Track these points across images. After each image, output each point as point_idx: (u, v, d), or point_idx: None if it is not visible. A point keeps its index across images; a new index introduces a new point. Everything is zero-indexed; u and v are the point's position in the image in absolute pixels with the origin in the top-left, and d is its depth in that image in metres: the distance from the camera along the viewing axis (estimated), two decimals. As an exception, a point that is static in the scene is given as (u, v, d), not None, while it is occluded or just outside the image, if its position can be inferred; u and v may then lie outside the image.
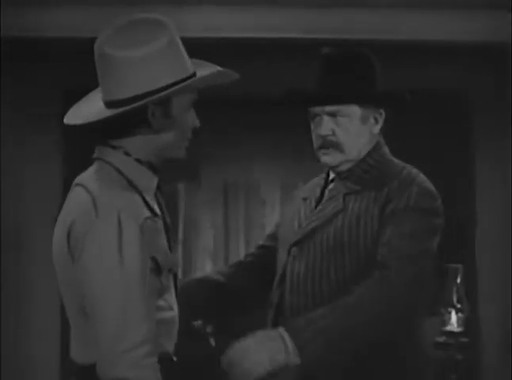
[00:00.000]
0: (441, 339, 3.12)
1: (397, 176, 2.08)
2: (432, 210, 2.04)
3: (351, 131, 2.10)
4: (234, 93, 3.74)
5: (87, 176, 1.78)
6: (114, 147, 1.79)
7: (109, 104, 1.78)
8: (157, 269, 1.75)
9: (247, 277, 2.24)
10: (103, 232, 1.67)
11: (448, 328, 3.13)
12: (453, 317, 3.14)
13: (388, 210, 2.03)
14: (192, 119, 1.86)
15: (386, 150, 2.17)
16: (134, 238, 1.68)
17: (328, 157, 2.12)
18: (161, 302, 1.77)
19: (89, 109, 1.82)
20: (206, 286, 2.20)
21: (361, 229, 2.04)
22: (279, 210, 5.23)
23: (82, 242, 1.69)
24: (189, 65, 1.82)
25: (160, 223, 1.81)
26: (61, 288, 1.79)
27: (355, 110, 2.10)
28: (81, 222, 1.70)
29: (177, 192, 7.47)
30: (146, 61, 1.73)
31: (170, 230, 1.89)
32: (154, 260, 1.73)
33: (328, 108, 2.09)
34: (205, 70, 1.87)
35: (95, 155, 1.82)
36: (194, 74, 1.82)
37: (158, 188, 1.89)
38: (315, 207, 2.15)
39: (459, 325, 3.13)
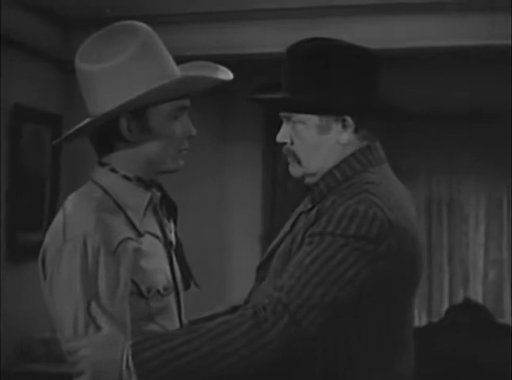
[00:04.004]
0: None
1: (339, 193, 1.68)
2: (357, 236, 1.59)
3: (307, 140, 1.73)
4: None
5: (71, 198, 1.72)
6: (103, 164, 1.73)
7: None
8: (139, 291, 1.66)
9: None
10: (67, 257, 1.61)
11: None
12: None
13: (307, 234, 1.66)
14: (184, 128, 1.72)
15: (364, 161, 1.74)
16: (99, 263, 1.60)
17: (292, 168, 1.78)
18: (152, 327, 1.68)
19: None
20: None
21: (290, 256, 1.69)
22: (484, 229, 4.92)
23: (50, 265, 1.64)
24: (168, 72, 1.69)
25: (149, 242, 1.71)
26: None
27: (311, 117, 1.72)
28: (51, 244, 1.66)
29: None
30: (113, 74, 1.65)
31: (171, 247, 1.79)
32: (134, 282, 1.64)
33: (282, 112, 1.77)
34: (197, 73, 1.73)
35: (90, 174, 1.76)
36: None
37: (168, 202, 1.79)
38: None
39: None
